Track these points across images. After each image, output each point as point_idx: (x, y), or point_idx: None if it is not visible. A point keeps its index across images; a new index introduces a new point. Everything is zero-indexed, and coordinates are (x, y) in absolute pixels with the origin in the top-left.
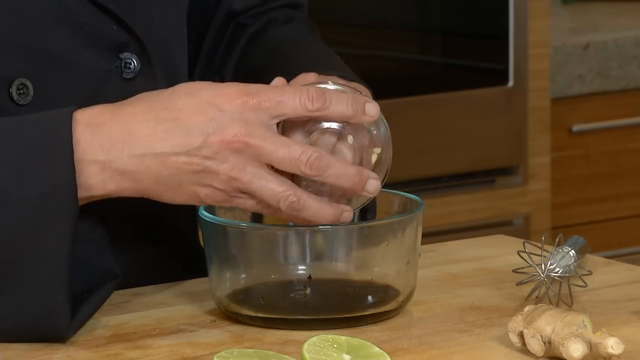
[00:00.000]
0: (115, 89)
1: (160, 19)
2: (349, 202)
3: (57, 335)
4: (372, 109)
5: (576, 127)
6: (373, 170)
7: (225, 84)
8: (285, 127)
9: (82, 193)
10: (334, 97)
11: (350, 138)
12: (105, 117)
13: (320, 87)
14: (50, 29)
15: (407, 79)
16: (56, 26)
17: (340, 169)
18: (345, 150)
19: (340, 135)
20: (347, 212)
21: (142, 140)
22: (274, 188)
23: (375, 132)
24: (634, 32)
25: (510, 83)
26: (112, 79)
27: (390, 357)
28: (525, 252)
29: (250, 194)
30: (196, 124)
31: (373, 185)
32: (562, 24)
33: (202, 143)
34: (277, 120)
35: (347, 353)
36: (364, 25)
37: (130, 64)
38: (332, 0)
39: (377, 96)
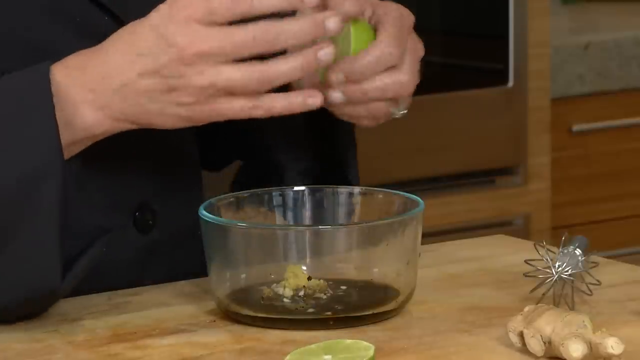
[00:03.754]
0: None
1: (151, 11)
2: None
3: (50, 291)
4: (332, 24)
5: (576, 127)
6: None
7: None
8: None
9: (81, 134)
10: (284, 32)
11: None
12: (83, 61)
13: (273, 23)
14: (41, 20)
15: None
16: (47, 17)
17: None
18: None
19: None
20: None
21: (115, 73)
22: (235, 73)
23: None
24: (634, 32)
25: (510, 83)
26: None
27: (374, 349)
28: (541, 248)
29: (227, 93)
30: (148, 47)
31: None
32: (562, 24)
33: (155, 64)
34: None
35: (325, 354)
36: None
37: None
38: None
39: None
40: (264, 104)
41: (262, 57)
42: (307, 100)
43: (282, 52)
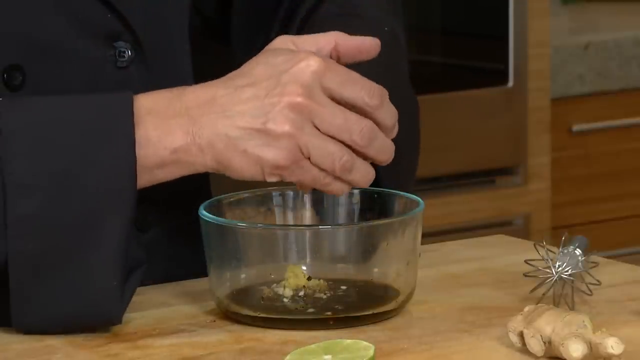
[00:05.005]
0: (110, 78)
1: (156, 10)
2: None
3: (109, 322)
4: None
5: (576, 127)
6: None
7: (304, 52)
8: None
9: (170, 156)
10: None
11: None
12: (186, 90)
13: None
14: (45, 16)
15: None
16: (51, 14)
17: (383, 142)
18: None
19: None
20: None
21: (217, 104)
22: (330, 147)
23: None
24: (634, 32)
25: (510, 83)
26: (106, 67)
27: (374, 349)
28: (541, 248)
29: (309, 159)
30: (263, 87)
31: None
32: (562, 24)
33: (263, 102)
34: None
35: (325, 354)
36: None
37: (124, 52)
38: None
39: None
40: (329, 179)
41: None
42: (343, 187)
43: None
